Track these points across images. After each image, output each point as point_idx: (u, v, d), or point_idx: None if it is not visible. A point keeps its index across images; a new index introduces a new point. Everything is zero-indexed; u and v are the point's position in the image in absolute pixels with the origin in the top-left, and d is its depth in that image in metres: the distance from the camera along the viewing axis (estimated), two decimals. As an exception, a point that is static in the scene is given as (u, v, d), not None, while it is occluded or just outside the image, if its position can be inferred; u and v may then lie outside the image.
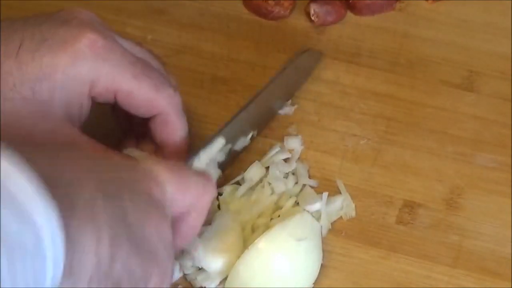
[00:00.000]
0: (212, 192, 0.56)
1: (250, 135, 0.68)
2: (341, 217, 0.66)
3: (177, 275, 0.63)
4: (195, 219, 0.56)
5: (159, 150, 0.62)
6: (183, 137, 0.62)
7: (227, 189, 0.66)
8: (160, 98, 0.59)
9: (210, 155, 0.64)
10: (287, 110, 0.71)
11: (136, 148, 0.64)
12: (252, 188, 0.66)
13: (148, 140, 0.63)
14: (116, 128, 0.65)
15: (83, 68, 0.56)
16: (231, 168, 0.68)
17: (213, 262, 0.61)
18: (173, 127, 0.61)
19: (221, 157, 0.65)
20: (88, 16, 0.58)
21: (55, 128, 0.55)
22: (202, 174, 0.57)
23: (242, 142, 0.67)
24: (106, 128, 0.64)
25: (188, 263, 0.63)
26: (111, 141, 0.61)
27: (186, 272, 0.63)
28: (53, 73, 0.55)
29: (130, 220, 0.48)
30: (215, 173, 0.65)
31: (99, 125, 0.62)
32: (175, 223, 0.54)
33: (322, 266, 0.62)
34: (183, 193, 0.54)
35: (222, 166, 0.66)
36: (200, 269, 0.62)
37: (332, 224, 0.65)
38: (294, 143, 0.69)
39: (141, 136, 0.63)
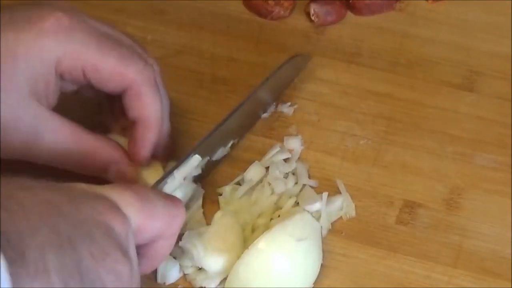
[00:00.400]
0: (181, 218, 0.55)
1: (230, 144, 0.68)
2: (341, 217, 0.66)
3: (177, 275, 0.63)
4: (164, 246, 0.55)
5: (135, 129, 0.61)
6: (158, 113, 0.61)
7: (227, 189, 0.66)
8: (128, 69, 0.59)
9: (185, 174, 0.63)
10: (286, 110, 0.71)
11: (120, 135, 0.64)
12: (252, 188, 0.66)
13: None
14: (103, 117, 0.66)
15: (47, 44, 0.56)
16: (230, 168, 0.68)
17: (213, 262, 0.61)
18: (145, 101, 0.60)
19: (197, 172, 0.64)
20: (62, 4, 0.58)
21: (18, 103, 0.56)
22: (170, 200, 0.55)
23: (221, 152, 0.67)
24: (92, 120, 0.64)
25: (188, 263, 0.63)
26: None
27: (186, 272, 0.63)
28: (16, 48, 0.55)
29: (84, 266, 0.46)
30: (190, 189, 0.64)
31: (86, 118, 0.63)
32: (142, 249, 0.53)
33: (322, 266, 0.62)
34: (150, 223, 0.52)
35: (200, 178, 0.65)
36: (200, 269, 0.62)
37: (332, 224, 0.65)
38: (294, 143, 0.69)
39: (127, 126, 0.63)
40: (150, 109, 0.60)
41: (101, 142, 0.61)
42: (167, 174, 0.62)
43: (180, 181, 0.62)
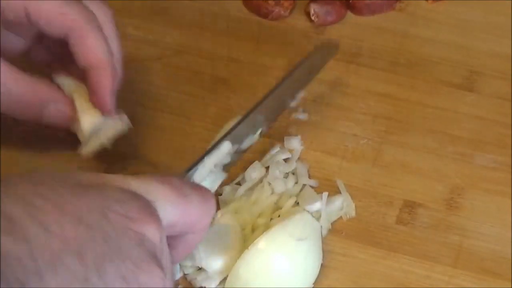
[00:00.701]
0: (212, 212, 0.54)
1: (259, 132, 0.66)
2: (341, 217, 0.66)
3: (177, 275, 0.63)
4: (193, 240, 0.54)
5: (88, 79, 0.60)
6: (104, 55, 0.60)
7: (227, 189, 0.66)
8: (70, 10, 0.59)
9: (216, 160, 0.62)
10: (301, 116, 0.71)
11: (66, 75, 0.63)
12: (252, 188, 0.66)
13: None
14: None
15: None
16: (230, 168, 0.68)
17: (214, 262, 0.61)
18: (89, 43, 0.59)
19: (227, 160, 0.64)
20: None
21: None
22: (204, 194, 0.53)
23: (250, 140, 0.66)
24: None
25: (188, 263, 0.63)
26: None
27: (186, 272, 0.63)
28: None
29: None
30: (220, 176, 0.64)
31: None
32: (171, 240, 0.51)
33: (322, 266, 0.62)
34: (184, 218, 0.51)
35: (228, 167, 0.64)
36: (200, 269, 0.62)
37: (332, 224, 0.65)
38: (294, 143, 0.69)
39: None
40: (95, 52, 0.60)
41: (38, 81, 0.61)
42: (198, 160, 0.61)
43: (210, 169, 0.62)
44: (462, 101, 0.72)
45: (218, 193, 0.66)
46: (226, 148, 0.63)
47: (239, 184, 0.67)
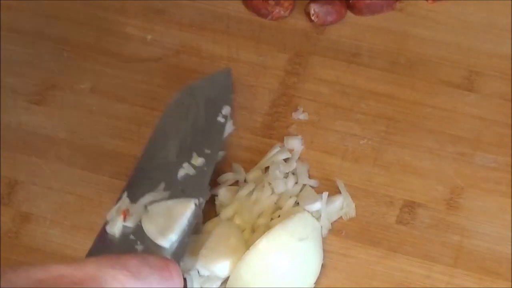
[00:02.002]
0: (177, 283, 0.52)
1: (194, 157, 0.65)
2: (341, 217, 0.66)
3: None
4: None
5: None
6: None
7: (222, 191, 0.66)
8: None
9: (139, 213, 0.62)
10: (301, 116, 0.71)
11: None
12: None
13: None
14: None
15: None
16: (229, 169, 0.68)
17: (220, 268, 0.61)
18: None
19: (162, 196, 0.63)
20: None
21: None
22: (166, 271, 0.52)
23: (187, 168, 0.64)
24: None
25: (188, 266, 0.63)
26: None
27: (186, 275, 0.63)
28: None
29: None
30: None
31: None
32: None
33: (322, 266, 0.62)
34: None
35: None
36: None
37: (332, 224, 0.65)
38: (294, 143, 0.69)
39: None
40: None
41: None
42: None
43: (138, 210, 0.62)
44: (462, 101, 0.72)
45: (214, 194, 0.66)
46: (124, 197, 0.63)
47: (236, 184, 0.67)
